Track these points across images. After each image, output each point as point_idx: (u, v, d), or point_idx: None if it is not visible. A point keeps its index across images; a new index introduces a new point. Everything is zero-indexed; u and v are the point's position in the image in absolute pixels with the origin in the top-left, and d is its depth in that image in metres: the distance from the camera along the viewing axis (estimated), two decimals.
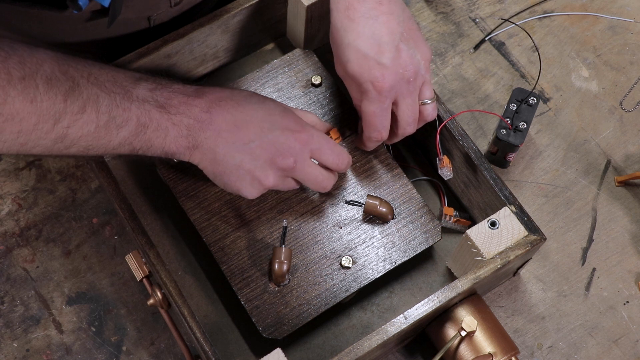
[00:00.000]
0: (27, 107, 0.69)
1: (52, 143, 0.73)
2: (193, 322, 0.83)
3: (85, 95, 0.73)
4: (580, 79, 1.10)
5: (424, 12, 1.14)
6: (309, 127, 0.86)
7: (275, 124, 0.84)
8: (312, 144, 0.85)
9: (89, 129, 0.74)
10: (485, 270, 0.85)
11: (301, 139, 0.84)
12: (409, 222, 0.93)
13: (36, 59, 0.70)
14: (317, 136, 0.86)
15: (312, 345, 0.92)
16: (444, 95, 1.08)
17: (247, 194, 0.85)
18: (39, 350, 0.93)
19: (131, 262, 0.91)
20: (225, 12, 0.97)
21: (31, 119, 0.70)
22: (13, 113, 0.68)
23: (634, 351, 0.95)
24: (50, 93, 0.70)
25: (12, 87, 0.68)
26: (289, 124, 0.85)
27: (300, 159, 0.85)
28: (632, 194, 1.03)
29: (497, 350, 0.87)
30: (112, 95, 0.76)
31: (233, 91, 0.85)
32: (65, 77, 0.72)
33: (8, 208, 0.99)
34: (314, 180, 0.87)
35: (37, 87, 0.69)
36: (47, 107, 0.70)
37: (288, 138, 0.84)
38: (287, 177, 0.86)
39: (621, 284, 0.98)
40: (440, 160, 0.93)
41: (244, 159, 0.82)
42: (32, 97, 0.69)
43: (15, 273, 0.96)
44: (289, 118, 0.85)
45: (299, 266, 0.90)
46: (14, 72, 0.68)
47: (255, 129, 0.83)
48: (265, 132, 0.83)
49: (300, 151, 0.84)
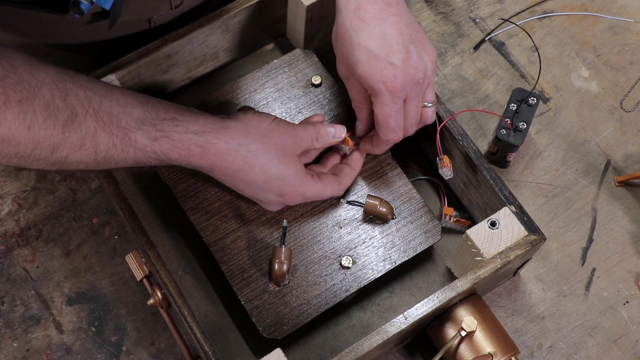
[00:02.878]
0: (24, 132, 0.68)
1: (51, 165, 0.73)
2: (193, 322, 0.83)
3: (84, 129, 0.72)
4: (580, 79, 1.10)
5: (424, 12, 1.14)
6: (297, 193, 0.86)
7: (270, 192, 0.86)
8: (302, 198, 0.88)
9: (87, 160, 0.74)
10: (485, 270, 0.85)
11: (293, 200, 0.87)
12: (409, 222, 0.93)
13: (35, 81, 0.69)
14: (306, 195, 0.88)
15: (312, 345, 0.92)
16: (444, 95, 1.08)
17: (272, 209, 0.90)
18: (39, 350, 0.93)
19: (131, 262, 0.91)
20: (225, 12, 0.97)
21: (28, 144, 0.69)
22: (10, 137, 0.67)
23: (634, 351, 0.95)
24: (48, 122, 0.69)
25: (9, 109, 0.66)
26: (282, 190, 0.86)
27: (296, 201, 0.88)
28: (632, 194, 1.03)
29: (497, 350, 0.87)
30: (111, 136, 0.75)
31: (239, 149, 0.83)
32: (65, 104, 0.71)
33: (8, 208, 0.99)
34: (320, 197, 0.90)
35: (35, 113, 0.68)
36: (44, 136, 0.69)
37: (275, 203, 0.88)
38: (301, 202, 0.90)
39: (621, 284, 0.98)
40: (441, 160, 0.93)
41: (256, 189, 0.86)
42: (30, 123, 0.68)
43: (15, 273, 0.96)
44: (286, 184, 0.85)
45: (299, 266, 0.90)
46: (12, 94, 0.67)
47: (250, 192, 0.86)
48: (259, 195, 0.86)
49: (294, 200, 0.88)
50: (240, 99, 0.98)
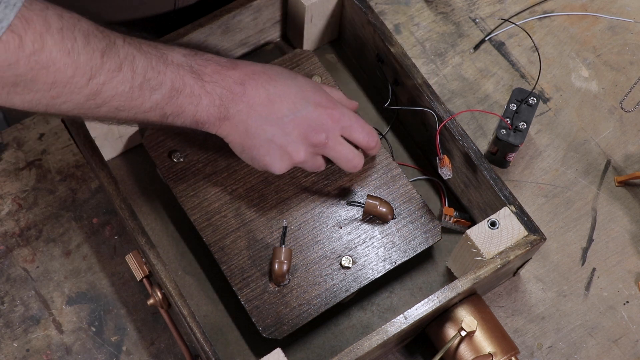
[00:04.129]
0: (64, 58, 0.68)
1: (85, 99, 0.72)
2: (193, 322, 0.83)
3: (122, 54, 0.73)
4: (580, 79, 1.10)
5: (424, 12, 1.14)
6: (339, 105, 0.87)
7: (308, 100, 0.85)
8: (343, 121, 0.86)
9: (123, 88, 0.74)
10: (485, 270, 0.85)
11: (333, 115, 0.85)
12: (409, 222, 0.93)
13: (74, 16, 0.70)
14: (348, 114, 0.87)
15: (312, 345, 0.92)
16: (444, 95, 1.08)
17: (276, 168, 0.85)
18: (39, 350, 0.93)
19: (131, 262, 0.91)
20: (225, 12, 0.97)
21: (67, 70, 0.69)
22: (49, 62, 0.67)
23: (634, 351, 0.95)
24: (88, 48, 0.70)
25: (50, 35, 0.67)
26: (321, 101, 0.85)
27: (332, 136, 0.85)
28: (632, 194, 1.03)
29: (497, 350, 0.87)
30: (148, 56, 0.75)
31: (265, 66, 0.85)
32: (103, 35, 0.72)
33: (8, 208, 0.99)
34: (345, 158, 0.87)
35: (75, 39, 0.69)
36: (84, 61, 0.70)
37: (321, 114, 0.85)
38: (317, 155, 0.87)
39: (621, 284, 0.98)
40: (440, 159, 0.93)
41: (275, 134, 0.83)
42: (70, 48, 0.68)
43: (15, 273, 0.96)
44: (321, 95, 0.86)
45: (299, 266, 0.90)
46: (53, 23, 0.67)
47: (288, 104, 0.83)
48: (299, 108, 0.84)
49: (332, 128, 0.85)
50: None
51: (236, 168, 0.95)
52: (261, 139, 0.83)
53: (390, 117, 1.04)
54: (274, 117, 0.83)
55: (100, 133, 0.93)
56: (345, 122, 0.86)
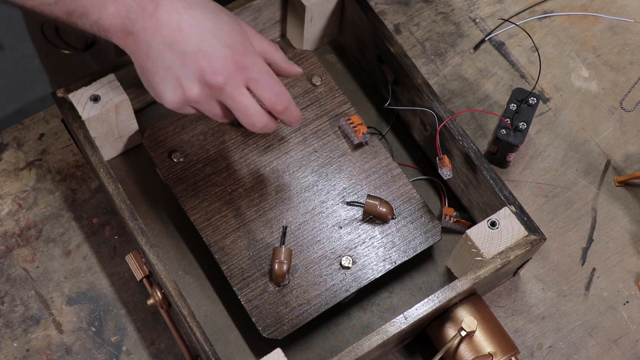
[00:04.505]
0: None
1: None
2: (193, 322, 0.83)
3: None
4: (580, 79, 1.10)
5: (424, 12, 1.14)
6: (255, 56, 0.80)
7: (220, 39, 0.78)
8: (250, 72, 0.79)
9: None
10: (485, 270, 0.85)
11: (240, 62, 0.78)
12: (409, 222, 0.93)
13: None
14: (260, 66, 0.80)
15: (312, 345, 0.92)
16: (444, 95, 1.08)
17: (168, 99, 0.80)
18: (39, 350, 0.93)
19: (131, 262, 0.91)
20: None
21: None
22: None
23: (634, 351, 0.95)
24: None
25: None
26: (234, 44, 0.78)
27: (232, 83, 0.78)
28: (632, 194, 1.03)
29: (497, 350, 0.87)
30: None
31: None
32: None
33: (8, 208, 0.99)
34: (243, 111, 0.80)
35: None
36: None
37: (227, 57, 0.78)
38: (214, 100, 0.80)
39: (621, 284, 0.98)
40: (440, 159, 0.93)
41: (175, 63, 0.78)
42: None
43: (15, 273, 0.96)
44: (238, 38, 0.79)
45: (299, 266, 0.90)
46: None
47: (197, 37, 0.77)
48: (207, 44, 0.78)
49: (234, 75, 0.78)
50: None
51: (236, 168, 0.95)
52: (159, 65, 0.78)
53: (390, 117, 1.04)
54: (179, 46, 0.77)
55: (100, 133, 0.93)
56: (253, 74, 0.79)
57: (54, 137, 1.03)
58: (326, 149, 0.97)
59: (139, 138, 0.99)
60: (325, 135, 0.97)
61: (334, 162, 0.96)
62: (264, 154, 0.96)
